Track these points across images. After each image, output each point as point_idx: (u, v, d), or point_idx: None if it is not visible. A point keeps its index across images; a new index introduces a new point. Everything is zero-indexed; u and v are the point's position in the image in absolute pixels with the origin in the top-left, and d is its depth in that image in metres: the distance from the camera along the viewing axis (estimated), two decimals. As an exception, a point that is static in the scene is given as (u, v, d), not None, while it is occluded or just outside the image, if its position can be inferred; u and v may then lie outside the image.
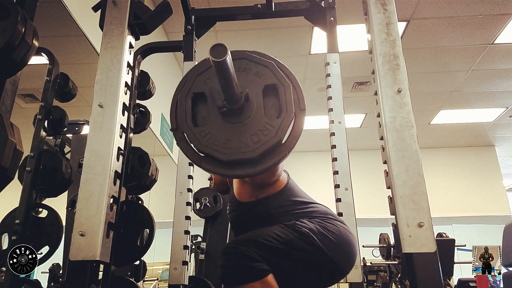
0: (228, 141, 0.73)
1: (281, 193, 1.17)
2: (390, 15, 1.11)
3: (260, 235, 1.06)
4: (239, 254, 1.01)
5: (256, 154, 0.70)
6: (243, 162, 0.71)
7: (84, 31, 2.10)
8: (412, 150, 0.96)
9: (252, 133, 0.72)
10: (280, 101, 0.75)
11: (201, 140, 0.73)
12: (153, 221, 1.25)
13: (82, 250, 0.93)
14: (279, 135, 0.71)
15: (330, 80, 1.37)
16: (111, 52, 1.14)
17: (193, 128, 0.75)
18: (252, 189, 1.19)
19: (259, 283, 0.98)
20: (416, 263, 0.87)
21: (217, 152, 0.72)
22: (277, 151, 0.72)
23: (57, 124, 1.63)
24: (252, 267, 1.00)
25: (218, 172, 0.73)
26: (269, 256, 1.02)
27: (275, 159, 0.71)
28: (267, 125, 0.73)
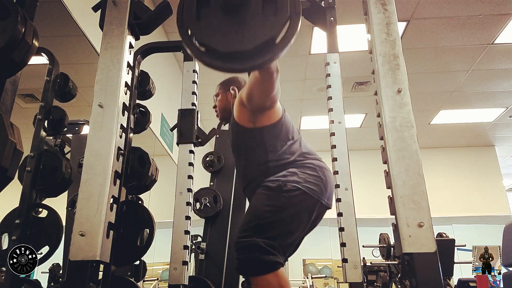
0: (226, 34, 0.78)
1: (275, 125, 1.36)
2: (390, 15, 1.11)
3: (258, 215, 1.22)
4: (255, 246, 1.13)
5: (251, 46, 0.75)
6: (239, 55, 0.76)
7: (84, 31, 2.10)
8: (412, 150, 0.96)
9: (249, 28, 0.78)
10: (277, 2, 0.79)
11: (202, 32, 0.79)
12: (153, 221, 1.25)
13: (82, 250, 0.93)
14: (274, 31, 0.77)
15: (330, 80, 1.37)
16: (111, 52, 1.14)
17: (196, 22, 0.80)
18: (250, 113, 1.34)
19: (273, 274, 1.05)
20: (416, 263, 0.87)
21: (216, 43, 0.77)
22: (271, 48, 0.77)
23: (57, 124, 1.63)
24: (267, 260, 1.11)
25: (216, 65, 0.77)
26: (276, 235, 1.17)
27: (268, 56, 0.77)
28: (263, 22, 0.78)
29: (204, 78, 3.67)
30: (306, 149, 1.40)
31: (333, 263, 6.01)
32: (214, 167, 2.63)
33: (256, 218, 1.22)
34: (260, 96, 1.26)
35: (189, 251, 1.37)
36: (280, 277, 1.12)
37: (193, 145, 1.50)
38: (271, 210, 1.21)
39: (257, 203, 1.27)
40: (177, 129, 1.53)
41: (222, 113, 1.60)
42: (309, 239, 1.43)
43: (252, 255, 1.13)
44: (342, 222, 1.22)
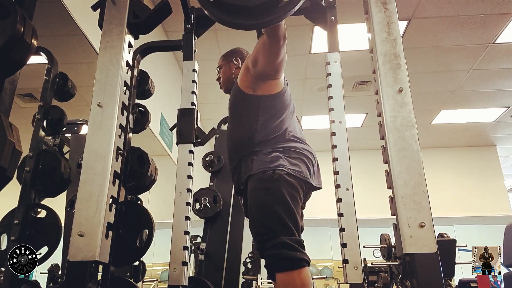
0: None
1: (274, 97, 1.39)
2: (391, 14, 1.10)
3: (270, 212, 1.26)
4: (282, 244, 1.20)
5: (256, 3, 0.77)
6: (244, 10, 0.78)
7: (83, 31, 2.09)
8: (413, 150, 0.96)
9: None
10: None
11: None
12: (153, 222, 1.24)
13: (81, 250, 0.92)
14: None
15: (330, 80, 1.36)
16: (110, 52, 1.13)
17: None
18: (253, 78, 1.36)
19: (297, 272, 1.09)
20: (417, 263, 0.87)
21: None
22: (275, 9, 0.78)
23: (56, 124, 1.62)
24: (293, 257, 1.18)
25: (221, 17, 0.79)
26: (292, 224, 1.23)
27: (272, 16, 0.78)
28: None
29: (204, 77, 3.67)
30: (293, 130, 1.44)
31: (333, 264, 6.00)
32: (214, 167, 2.63)
33: (267, 216, 1.27)
34: (265, 61, 1.28)
35: (188, 251, 1.36)
36: (304, 275, 1.17)
37: (193, 145, 1.50)
38: (275, 203, 1.26)
39: (259, 200, 1.31)
40: (176, 129, 1.52)
41: (225, 84, 1.61)
42: (309, 239, 1.43)
43: (280, 252, 1.19)
44: (342, 223, 1.22)
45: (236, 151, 1.45)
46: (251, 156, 1.38)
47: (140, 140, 1.55)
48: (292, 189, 1.31)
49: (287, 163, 1.33)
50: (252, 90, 1.38)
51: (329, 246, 5.75)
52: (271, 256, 1.23)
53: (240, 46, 1.80)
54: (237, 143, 1.44)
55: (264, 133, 1.38)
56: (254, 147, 1.38)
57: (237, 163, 1.44)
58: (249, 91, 1.39)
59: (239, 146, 1.43)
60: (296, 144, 1.40)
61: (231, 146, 1.49)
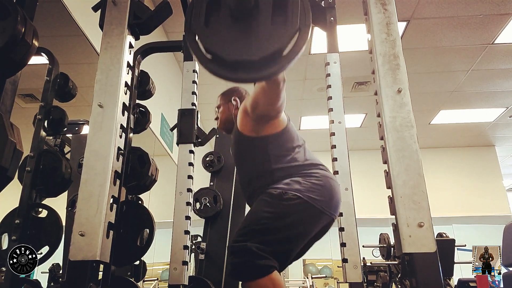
0: (234, 42, 0.77)
1: (279, 135, 1.31)
2: (390, 15, 1.11)
3: (256, 221, 1.18)
4: (247, 251, 1.10)
5: (258, 56, 0.74)
6: (245, 65, 0.75)
7: (84, 31, 2.10)
8: (412, 150, 0.96)
9: (257, 38, 0.76)
10: (287, 14, 0.78)
11: (210, 39, 0.78)
12: (153, 221, 1.25)
13: (82, 250, 0.93)
14: (282, 43, 0.75)
15: (330, 80, 1.37)
16: (111, 52, 1.14)
17: (204, 29, 0.79)
18: (254, 122, 1.30)
19: (266, 279, 1.04)
20: (416, 263, 0.87)
21: (223, 51, 0.75)
22: (278, 60, 0.75)
23: (57, 124, 1.63)
24: (259, 264, 1.09)
25: (222, 74, 0.76)
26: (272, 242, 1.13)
27: (275, 68, 0.75)
28: (272, 33, 0.77)
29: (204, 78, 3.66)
30: (311, 158, 1.34)
31: (333, 263, 6.01)
32: (214, 167, 2.63)
33: (252, 223, 1.19)
34: (265, 106, 1.22)
35: (189, 251, 1.37)
36: (275, 281, 1.09)
37: (193, 145, 1.50)
38: (268, 217, 1.18)
39: (256, 209, 1.24)
40: (177, 129, 1.53)
41: (224, 124, 1.54)
42: (309, 239, 1.42)
43: (244, 260, 1.11)
44: (342, 222, 1.22)
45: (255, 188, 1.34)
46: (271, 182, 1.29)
47: (141, 140, 1.56)
48: (298, 214, 1.20)
49: (304, 189, 1.22)
50: (255, 133, 1.31)
51: (328, 246, 5.73)
52: (234, 264, 1.13)
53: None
54: (255, 182, 1.33)
55: (280, 167, 1.28)
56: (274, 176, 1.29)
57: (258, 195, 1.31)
58: (252, 134, 1.32)
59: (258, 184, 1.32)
60: (318, 171, 1.29)
61: (249, 188, 1.37)
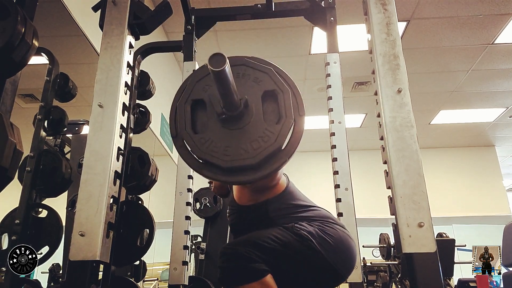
0: (228, 148, 0.73)
1: (281, 196, 1.16)
2: (390, 15, 1.10)
3: (258, 237, 1.05)
4: (237, 254, 1.01)
5: (256, 160, 0.70)
6: (243, 168, 0.71)
7: (84, 31, 2.09)
8: (412, 150, 0.96)
9: (252, 140, 0.73)
10: (279, 107, 0.75)
11: (201, 147, 0.73)
12: (153, 221, 1.25)
13: (82, 250, 0.93)
14: (279, 141, 0.72)
15: (330, 80, 1.37)
16: (111, 52, 1.14)
17: (192, 135, 0.75)
18: (252, 192, 1.17)
19: (257, 283, 0.97)
20: (416, 263, 0.87)
21: (217, 159, 0.72)
22: (277, 157, 0.72)
23: (57, 124, 1.63)
24: (250, 268, 0.99)
25: (218, 179, 0.73)
26: (267, 257, 1.01)
27: (275, 165, 0.72)
28: (266, 132, 0.73)
29: (204, 78, 3.66)
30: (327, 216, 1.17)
31: (333, 263, 5.99)
32: (214, 167, 2.63)
33: (252, 236, 1.06)
34: (262, 182, 1.05)
35: (189, 251, 1.37)
36: (267, 285, 0.99)
37: (193, 145, 1.50)
38: (274, 240, 1.04)
39: (264, 231, 1.09)
40: (177, 129, 1.53)
41: (218, 189, 1.37)
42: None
43: (234, 263, 1.02)
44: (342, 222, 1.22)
45: None
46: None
47: (141, 140, 1.56)
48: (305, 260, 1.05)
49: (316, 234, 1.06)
50: (254, 201, 1.17)
51: (328, 246, 5.74)
52: (224, 268, 1.03)
53: (240, 47, 1.80)
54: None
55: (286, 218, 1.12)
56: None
57: None
58: (250, 203, 1.17)
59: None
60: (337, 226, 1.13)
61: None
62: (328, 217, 1.13)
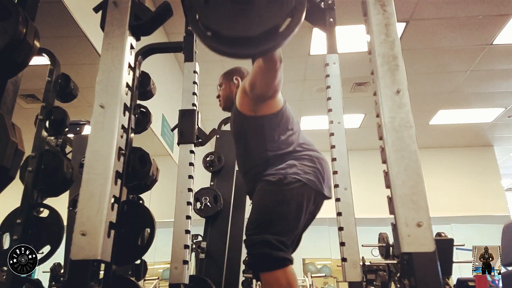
0: (233, 20, 0.79)
1: (276, 115, 1.38)
2: (389, 16, 1.11)
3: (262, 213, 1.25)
4: (265, 243, 1.18)
5: (256, 33, 0.76)
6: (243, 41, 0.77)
7: (85, 32, 2.10)
8: (411, 150, 0.97)
9: (255, 15, 0.79)
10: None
11: (210, 16, 0.80)
12: (154, 221, 1.25)
13: (83, 249, 0.93)
14: (278, 19, 0.78)
15: (329, 81, 1.38)
16: (112, 53, 1.14)
17: (203, 6, 0.81)
18: (252, 101, 1.36)
19: (281, 271, 1.10)
20: (415, 262, 0.88)
21: (222, 28, 0.78)
22: (275, 36, 0.78)
23: (59, 125, 1.63)
24: (277, 257, 1.16)
25: (221, 49, 0.78)
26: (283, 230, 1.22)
27: (272, 44, 0.78)
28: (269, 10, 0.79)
29: (205, 78, 3.67)
30: (303, 140, 1.43)
31: (332, 262, 6.02)
32: (215, 167, 2.64)
33: (262, 214, 1.26)
34: (262, 85, 1.29)
35: (189, 250, 1.38)
36: (289, 274, 1.15)
37: (194, 145, 1.51)
38: (274, 205, 1.25)
39: (261, 200, 1.31)
40: (177, 130, 1.54)
41: (225, 102, 1.64)
42: (308, 238, 1.44)
43: (264, 251, 1.17)
44: (341, 222, 1.23)
45: (250, 167, 1.44)
46: (265, 166, 1.38)
47: (142, 141, 1.56)
48: (299, 197, 1.29)
49: (301, 171, 1.32)
50: (253, 112, 1.40)
51: (328, 245, 5.77)
52: (253, 255, 1.22)
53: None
54: (250, 162, 1.43)
55: (276, 147, 1.37)
56: (268, 161, 1.38)
57: (252, 176, 1.43)
58: (250, 113, 1.40)
59: (253, 163, 1.42)
60: (310, 153, 1.39)
61: (245, 166, 1.47)
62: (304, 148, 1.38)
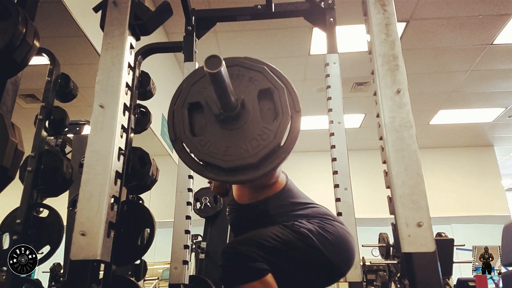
0: (227, 148, 0.74)
1: (280, 194, 1.17)
2: (389, 16, 1.11)
3: (258, 236, 1.06)
4: (238, 254, 1.01)
5: (257, 159, 0.71)
6: (244, 167, 0.72)
7: (85, 32, 2.10)
8: (411, 150, 0.97)
9: (251, 139, 0.74)
10: (275, 105, 0.76)
11: (201, 149, 0.74)
12: (154, 221, 1.25)
13: (83, 249, 0.93)
14: (278, 138, 0.73)
15: (329, 81, 1.38)
16: (112, 53, 1.14)
17: (192, 138, 0.75)
18: (251, 191, 1.18)
19: (258, 282, 0.98)
20: (415, 262, 0.88)
21: (217, 160, 0.73)
22: (277, 154, 0.73)
23: (58, 124, 1.63)
24: (251, 267, 0.99)
25: (220, 179, 0.74)
26: (268, 256, 1.01)
27: (275, 162, 0.73)
28: (265, 130, 0.74)
29: (204, 78, 3.66)
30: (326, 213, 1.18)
31: (332, 263, 5.99)
32: (214, 167, 2.64)
33: (253, 235, 1.07)
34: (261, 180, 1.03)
35: (189, 250, 1.38)
36: (268, 285, 0.99)
37: (194, 145, 1.50)
38: (274, 239, 1.05)
39: (264, 229, 1.09)
40: (177, 129, 1.53)
41: (218, 189, 1.39)
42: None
43: (235, 262, 1.02)
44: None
45: None
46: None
47: (142, 141, 1.56)
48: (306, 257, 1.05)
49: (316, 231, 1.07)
50: (254, 200, 1.17)
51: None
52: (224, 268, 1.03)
53: (240, 47, 1.81)
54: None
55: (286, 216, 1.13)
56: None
57: None
58: (250, 201, 1.18)
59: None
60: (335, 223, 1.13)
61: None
62: (327, 214, 1.14)
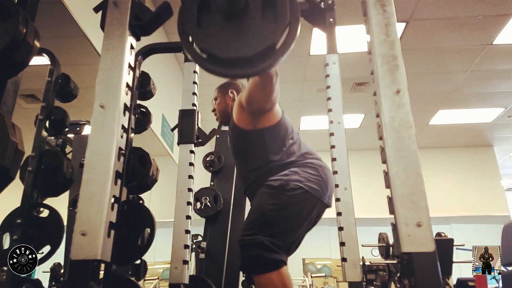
0: (228, 41, 0.78)
1: (275, 127, 1.36)
2: (389, 16, 1.11)
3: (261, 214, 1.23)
4: (258, 244, 1.15)
5: (253, 53, 0.75)
6: (240, 61, 0.76)
7: (85, 32, 2.10)
8: (411, 150, 0.97)
9: (250, 35, 0.78)
10: (276, 9, 0.80)
11: (204, 39, 0.79)
12: (154, 221, 1.26)
13: (83, 249, 0.93)
14: (274, 37, 0.77)
15: (329, 81, 1.38)
16: (112, 53, 1.14)
17: (197, 29, 0.80)
18: (250, 116, 1.35)
19: (275, 273, 1.08)
20: (415, 262, 0.88)
21: (217, 50, 0.77)
22: (271, 54, 0.77)
23: (59, 124, 1.64)
24: (271, 258, 1.14)
25: (218, 71, 0.77)
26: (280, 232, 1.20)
27: (269, 62, 0.77)
28: (264, 29, 0.79)
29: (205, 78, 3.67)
30: (305, 149, 1.43)
31: (332, 262, 6.02)
32: (215, 167, 2.64)
33: (259, 216, 1.24)
34: (259, 100, 1.28)
35: (189, 250, 1.38)
36: (283, 276, 1.13)
37: (194, 145, 1.51)
38: (273, 208, 1.23)
39: (260, 202, 1.29)
40: (177, 130, 1.54)
41: (221, 116, 1.62)
42: (308, 238, 1.44)
43: (256, 253, 1.15)
44: (341, 222, 1.23)
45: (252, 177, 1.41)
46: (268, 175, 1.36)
47: (142, 141, 1.56)
48: (299, 204, 1.27)
49: (304, 178, 1.30)
50: (252, 126, 1.38)
51: (328, 245, 5.77)
52: (245, 257, 1.19)
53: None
54: (252, 173, 1.41)
55: (278, 158, 1.36)
56: (271, 170, 1.36)
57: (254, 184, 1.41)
58: (249, 127, 1.38)
59: (255, 174, 1.40)
60: (313, 161, 1.39)
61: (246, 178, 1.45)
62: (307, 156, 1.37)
